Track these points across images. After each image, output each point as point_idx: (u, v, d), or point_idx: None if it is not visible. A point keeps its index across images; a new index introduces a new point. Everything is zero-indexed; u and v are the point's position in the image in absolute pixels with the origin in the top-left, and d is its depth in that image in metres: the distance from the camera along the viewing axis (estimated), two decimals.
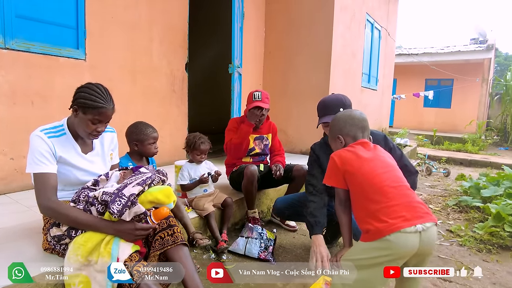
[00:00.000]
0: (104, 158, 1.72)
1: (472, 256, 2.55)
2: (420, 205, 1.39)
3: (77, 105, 1.49)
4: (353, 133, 1.62)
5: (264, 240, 2.25)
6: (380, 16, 7.01)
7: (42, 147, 1.46)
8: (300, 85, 5.00)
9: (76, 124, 1.54)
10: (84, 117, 1.48)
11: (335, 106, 1.93)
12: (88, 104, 1.46)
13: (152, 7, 3.49)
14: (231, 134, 2.76)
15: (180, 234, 1.54)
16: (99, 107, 1.47)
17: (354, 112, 1.69)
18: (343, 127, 1.65)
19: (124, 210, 1.33)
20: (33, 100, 2.64)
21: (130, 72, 3.34)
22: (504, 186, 3.84)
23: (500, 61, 25.38)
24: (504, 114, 11.60)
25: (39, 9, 2.61)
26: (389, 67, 8.18)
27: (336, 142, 1.68)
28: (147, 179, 1.44)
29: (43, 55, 2.65)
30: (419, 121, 12.93)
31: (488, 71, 11.68)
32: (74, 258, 1.34)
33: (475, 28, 12.84)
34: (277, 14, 5.12)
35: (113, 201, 1.34)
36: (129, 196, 1.35)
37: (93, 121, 1.49)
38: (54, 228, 1.47)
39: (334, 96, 2.05)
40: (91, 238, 1.37)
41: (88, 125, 1.50)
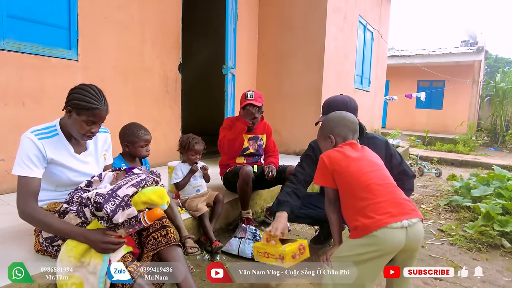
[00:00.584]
0: (97, 159, 1.71)
1: (463, 255, 2.59)
2: (406, 202, 1.43)
3: (71, 106, 1.48)
4: (344, 134, 1.65)
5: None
6: (373, 18, 7.08)
7: (30, 151, 1.45)
8: (294, 86, 5.02)
9: (69, 125, 1.53)
10: (78, 118, 1.48)
11: (338, 107, 1.94)
12: (82, 105, 1.45)
13: (145, 7, 3.48)
14: (226, 132, 2.76)
15: (173, 235, 1.55)
16: (93, 109, 1.46)
17: (347, 114, 1.72)
18: (335, 127, 1.67)
19: (118, 210, 1.33)
20: (25, 101, 2.61)
21: (123, 72, 3.33)
22: (493, 186, 3.91)
23: (490, 63, 25.76)
24: (494, 115, 11.79)
25: (30, 9, 2.59)
26: (381, 68, 8.25)
27: (326, 141, 1.70)
28: (141, 181, 1.44)
29: (35, 55, 2.63)
30: (411, 122, 13.06)
31: (479, 73, 11.86)
32: (67, 260, 1.33)
33: (466, 31, 13.03)
34: (270, 16, 5.15)
35: (107, 201, 1.34)
36: (123, 197, 1.35)
37: (87, 122, 1.48)
38: None
39: (340, 98, 2.07)
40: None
41: (82, 126, 1.49)
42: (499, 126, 11.51)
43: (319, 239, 2.53)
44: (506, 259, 2.56)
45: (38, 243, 1.53)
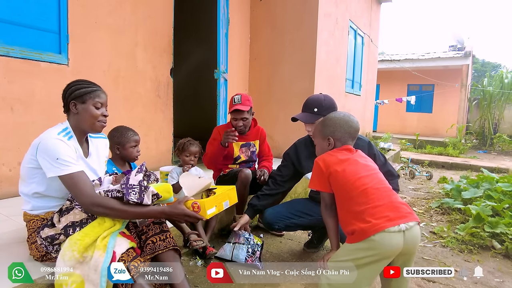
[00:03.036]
0: (100, 164, 1.70)
1: (455, 257, 2.61)
2: (403, 206, 1.43)
3: (74, 99, 1.49)
4: (344, 139, 1.63)
5: (252, 245, 2.24)
6: (363, 23, 7.17)
7: (66, 150, 1.41)
8: (286, 90, 5.04)
9: (79, 120, 1.51)
10: (85, 106, 1.49)
11: (312, 104, 2.06)
12: (84, 91, 1.48)
13: (137, 12, 3.47)
14: (210, 147, 2.70)
15: (172, 240, 1.54)
16: (95, 90, 1.51)
17: (352, 120, 1.66)
18: (337, 130, 1.63)
19: (143, 196, 1.38)
20: (13, 106, 2.56)
21: (114, 77, 3.30)
22: (483, 188, 3.97)
23: (477, 68, 26.27)
24: (482, 118, 12.00)
25: (19, 12, 2.55)
26: (372, 72, 8.34)
27: (324, 141, 1.66)
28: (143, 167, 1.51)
29: (24, 59, 2.59)
30: (402, 126, 13.22)
31: (467, 77, 12.07)
32: (69, 255, 1.30)
33: (453, 36, 13.27)
34: (262, 20, 5.17)
35: (127, 193, 1.37)
36: (138, 182, 1.41)
37: (96, 105, 1.50)
38: (46, 229, 1.42)
39: (316, 95, 2.15)
40: (88, 234, 1.35)
41: (93, 112, 1.50)
42: (487, 129, 11.72)
43: (312, 243, 2.53)
44: (497, 260, 2.59)
45: (35, 248, 1.49)
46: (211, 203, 1.52)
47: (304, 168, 2.21)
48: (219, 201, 1.57)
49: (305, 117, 2.05)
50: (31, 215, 1.56)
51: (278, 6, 5.05)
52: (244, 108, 2.62)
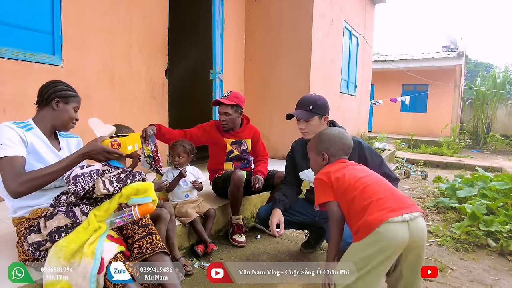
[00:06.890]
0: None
1: (451, 256, 2.63)
2: (405, 197, 1.44)
3: (59, 97, 1.58)
4: (338, 155, 1.68)
5: (147, 157, 2.28)
6: (358, 23, 7.21)
7: (9, 134, 1.44)
8: (281, 91, 5.04)
9: (56, 116, 1.60)
10: (67, 107, 1.61)
11: (305, 103, 2.08)
12: (69, 94, 1.62)
13: (131, 12, 3.45)
14: (195, 130, 2.73)
15: (159, 242, 1.50)
16: (77, 96, 1.67)
17: (347, 137, 1.72)
18: (332, 147, 1.68)
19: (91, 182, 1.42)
20: (5, 108, 2.53)
21: (108, 78, 3.27)
22: (478, 186, 4.00)
23: (470, 68, 26.53)
24: (475, 118, 12.12)
25: (11, 13, 2.52)
26: (367, 73, 8.39)
27: (318, 156, 1.71)
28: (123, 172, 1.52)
29: (16, 60, 2.56)
30: (397, 126, 13.30)
31: (460, 77, 12.20)
32: (56, 262, 1.28)
33: (446, 36, 13.43)
34: (257, 21, 5.18)
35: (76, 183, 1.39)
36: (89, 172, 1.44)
37: (75, 109, 1.66)
38: (33, 235, 1.40)
39: (310, 95, 2.17)
40: (74, 240, 1.32)
41: (72, 114, 1.63)
42: (480, 129, 11.84)
43: (309, 244, 2.53)
44: (492, 258, 2.61)
45: (22, 253, 1.47)
46: (130, 140, 1.57)
47: (299, 166, 2.26)
48: (133, 141, 1.60)
49: (301, 114, 2.06)
50: (17, 218, 1.56)
51: (273, 7, 5.06)
52: (226, 102, 2.59)
